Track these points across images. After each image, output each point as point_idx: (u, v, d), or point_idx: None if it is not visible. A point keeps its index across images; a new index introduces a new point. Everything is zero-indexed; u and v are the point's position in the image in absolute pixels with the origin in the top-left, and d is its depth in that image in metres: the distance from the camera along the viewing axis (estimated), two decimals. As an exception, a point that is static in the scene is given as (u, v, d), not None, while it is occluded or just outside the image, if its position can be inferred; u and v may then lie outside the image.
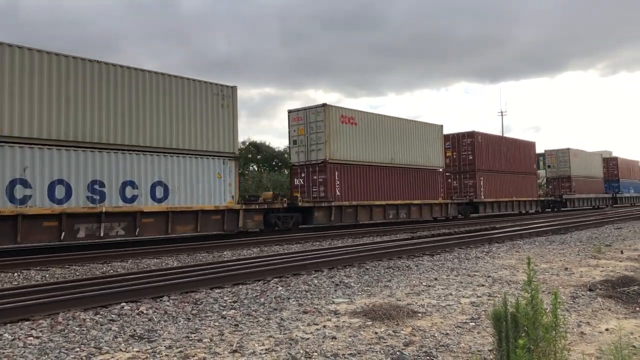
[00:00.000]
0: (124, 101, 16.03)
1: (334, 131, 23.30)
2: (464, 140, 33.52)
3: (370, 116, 25.76)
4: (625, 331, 5.14)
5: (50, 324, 5.92)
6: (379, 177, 25.79)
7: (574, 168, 47.29)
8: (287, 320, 5.92)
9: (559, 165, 47.42)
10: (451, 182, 33.25)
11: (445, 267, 10.25)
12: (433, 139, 29.45)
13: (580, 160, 48.88)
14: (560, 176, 46.97)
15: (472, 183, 32.81)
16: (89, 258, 13.06)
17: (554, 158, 48.10)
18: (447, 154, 32.41)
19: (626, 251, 12.42)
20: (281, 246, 16.37)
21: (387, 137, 26.16)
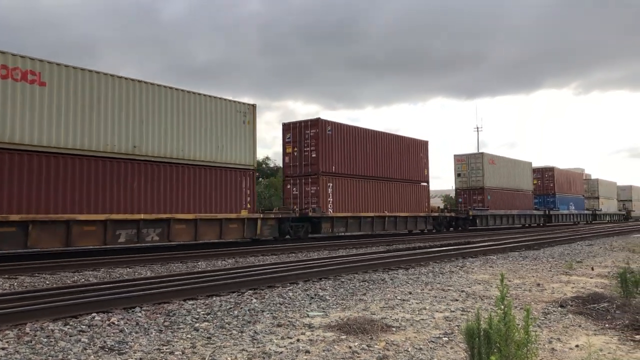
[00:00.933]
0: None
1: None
2: (307, 132, 24.61)
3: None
4: (594, 348, 5.22)
5: (17, 335, 5.77)
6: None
7: (490, 178, 38.64)
8: (260, 334, 5.87)
9: (470, 174, 38.65)
10: (290, 188, 24.95)
11: (420, 281, 10.30)
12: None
13: (499, 169, 40.07)
14: (472, 187, 38.39)
15: (314, 190, 24.00)
16: (59, 266, 12.80)
17: (464, 165, 39.04)
18: (288, 149, 25.25)
19: (597, 267, 12.64)
20: (256, 257, 16.26)
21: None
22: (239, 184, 20.03)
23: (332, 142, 24.85)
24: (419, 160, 30.76)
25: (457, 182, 39.32)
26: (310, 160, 24.38)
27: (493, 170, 39.36)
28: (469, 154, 39.25)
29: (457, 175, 39.38)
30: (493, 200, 38.68)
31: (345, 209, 25.09)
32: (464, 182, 38.88)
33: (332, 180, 24.45)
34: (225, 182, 19.51)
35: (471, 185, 38.42)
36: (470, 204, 37.67)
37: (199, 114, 18.97)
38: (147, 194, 17.08)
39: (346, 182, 25.41)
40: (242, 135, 20.41)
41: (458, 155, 39.73)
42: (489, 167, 38.61)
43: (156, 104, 17.72)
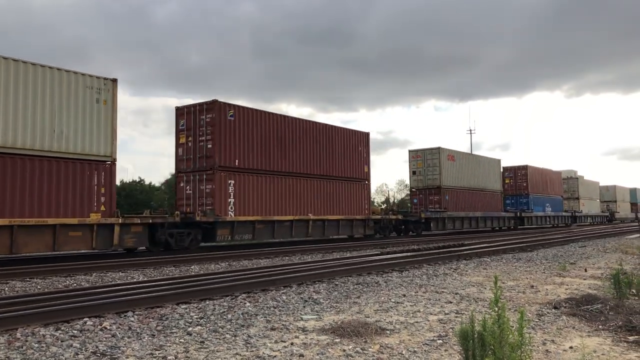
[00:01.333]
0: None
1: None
2: (202, 117, 20.14)
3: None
4: (588, 349, 5.22)
5: (8, 340, 5.71)
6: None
7: (449, 176, 34.22)
8: (254, 337, 5.84)
9: (426, 172, 33.97)
10: (183, 187, 20.35)
11: (414, 283, 10.29)
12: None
13: (459, 166, 35.72)
14: (428, 186, 33.85)
15: (210, 189, 19.58)
16: (51, 271, 12.71)
17: (420, 162, 34.29)
18: (181, 139, 20.68)
19: (590, 269, 12.68)
20: (250, 260, 16.22)
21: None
22: (88, 180, 15.59)
23: (235, 130, 20.33)
24: (358, 155, 26.58)
25: (412, 181, 35.14)
26: (205, 151, 19.81)
27: (452, 168, 34.68)
28: (425, 149, 34.54)
29: (412, 173, 35.00)
30: (452, 201, 33.90)
31: (254, 212, 20.64)
32: (420, 180, 34.45)
33: (233, 177, 20.02)
34: (66, 177, 15.06)
35: (427, 185, 34.01)
36: (427, 205, 33.39)
37: (26, 89, 14.46)
38: None
39: (254, 179, 20.92)
40: (95, 119, 15.83)
41: (413, 150, 35.37)
42: (447, 164, 34.28)
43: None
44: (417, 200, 34.33)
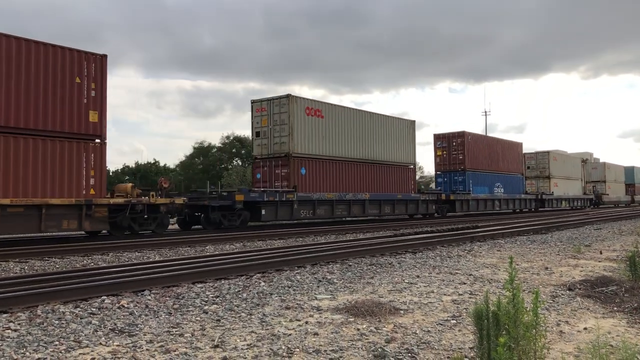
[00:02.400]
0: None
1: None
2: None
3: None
4: (603, 330, 5.22)
5: (29, 317, 5.84)
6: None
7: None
8: (269, 316, 5.91)
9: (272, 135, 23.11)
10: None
11: (428, 264, 10.31)
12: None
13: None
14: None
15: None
16: (68, 251, 12.92)
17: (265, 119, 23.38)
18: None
19: (605, 251, 12.60)
20: (264, 242, 16.33)
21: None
22: None
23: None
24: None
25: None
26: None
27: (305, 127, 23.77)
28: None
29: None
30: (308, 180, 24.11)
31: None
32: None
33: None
34: None
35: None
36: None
37: None
38: None
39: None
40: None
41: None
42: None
43: None
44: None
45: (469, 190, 33.82)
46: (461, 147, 34.52)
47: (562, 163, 48.82)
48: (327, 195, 23.60)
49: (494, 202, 36.56)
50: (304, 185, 22.90)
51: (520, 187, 41.01)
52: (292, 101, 22.82)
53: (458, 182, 34.25)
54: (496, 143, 38.50)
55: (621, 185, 65.51)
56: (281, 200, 21.70)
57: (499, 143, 38.91)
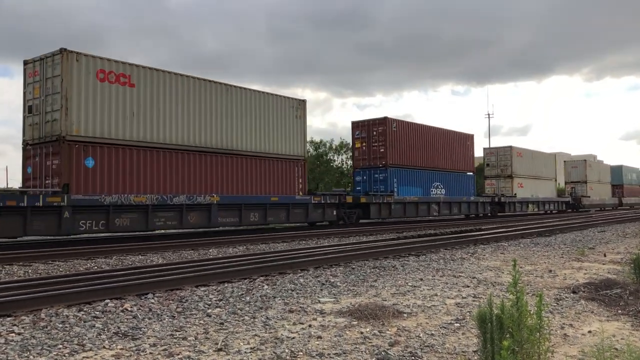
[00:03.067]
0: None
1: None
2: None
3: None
4: (607, 333, 5.20)
5: (33, 320, 5.85)
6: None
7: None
8: (272, 319, 5.91)
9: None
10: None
11: (431, 267, 10.30)
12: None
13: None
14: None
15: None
16: (72, 254, 12.94)
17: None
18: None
19: (609, 254, 12.56)
20: (267, 245, 16.33)
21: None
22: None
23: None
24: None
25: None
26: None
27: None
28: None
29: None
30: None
31: None
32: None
33: None
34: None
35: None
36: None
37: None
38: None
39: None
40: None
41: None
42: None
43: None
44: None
45: (392, 191, 26.91)
46: (382, 137, 27.41)
47: (529, 160, 42.04)
48: (133, 199, 16.40)
49: (430, 206, 29.50)
50: (89, 184, 15.78)
51: (469, 187, 33.81)
52: (69, 59, 15.41)
53: (379, 180, 27.06)
54: (435, 134, 31.24)
55: (606, 187, 58.39)
56: None
57: (440, 134, 31.67)
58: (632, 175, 66.94)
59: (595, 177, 54.72)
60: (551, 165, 45.92)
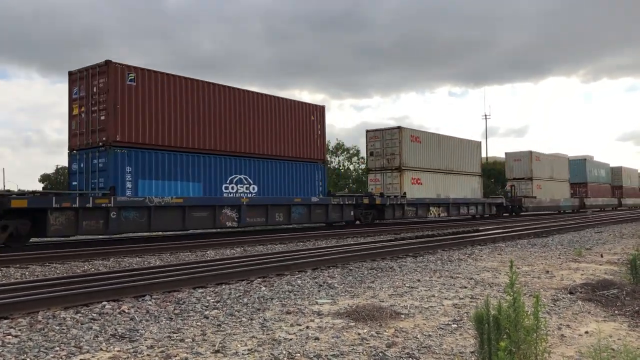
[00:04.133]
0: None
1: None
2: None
3: None
4: (604, 334, 5.21)
5: (30, 323, 5.84)
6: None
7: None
8: (270, 321, 5.91)
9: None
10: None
11: (428, 268, 10.31)
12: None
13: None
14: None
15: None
16: (69, 256, 12.91)
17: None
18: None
19: (606, 255, 12.59)
20: (264, 246, 16.32)
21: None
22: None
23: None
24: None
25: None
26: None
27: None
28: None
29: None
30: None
31: None
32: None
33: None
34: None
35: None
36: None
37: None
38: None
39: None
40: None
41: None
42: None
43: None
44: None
45: (115, 186, 16.32)
46: (105, 96, 16.49)
47: (434, 147, 31.68)
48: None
49: (219, 212, 19.00)
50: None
51: (313, 183, 23.68)
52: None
53: (98, 169, 16.63)
54: (230, 97, 20.08)
55: (563, 185, 48.15)
56: None
57: (239, 96, 20.49)
58: (599, 171, 55.87)
59: (545, 172, 44.70)
60: (473, 157, 35.68)
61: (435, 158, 31.57)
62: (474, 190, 35.12)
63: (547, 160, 45.56)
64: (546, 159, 45.59)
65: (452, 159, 32.97)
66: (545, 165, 44.83)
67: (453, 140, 33.84)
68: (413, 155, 29.77)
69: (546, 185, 44.28)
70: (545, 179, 44.39)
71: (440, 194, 31.44)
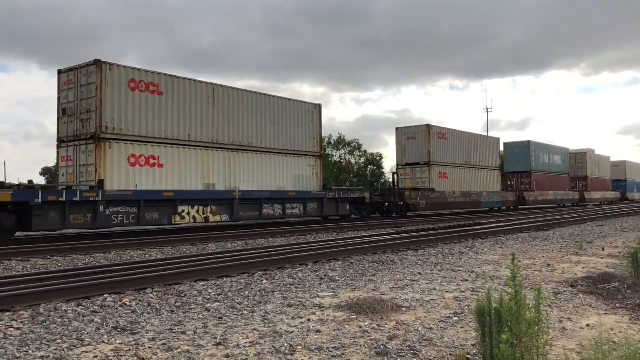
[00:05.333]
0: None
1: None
2: None
3: None
4: (605, 327, 5.21)
5: (32, 315, 5.85)
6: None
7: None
8: (271, 314, 5.91)
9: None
10: None
11: (430, 262, 10.31)
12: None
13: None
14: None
15: None
16: (71, 249, 12.93)
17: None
18: None
19: (607, 248, 12.58)
20: (266, 239, 16.33)
21: None
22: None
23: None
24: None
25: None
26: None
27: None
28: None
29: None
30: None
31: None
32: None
33: None
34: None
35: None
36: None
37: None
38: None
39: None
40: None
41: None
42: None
43: None
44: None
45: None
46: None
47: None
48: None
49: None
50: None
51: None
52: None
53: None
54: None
55: (491, 174, 36.35)
56: None
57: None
58: (551, 157, 43.91)
59: (455, 156, 32.76)
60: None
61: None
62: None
63: (458, 139, 33.31)
64: (457, 137, 33.28)
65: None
66: (452, 146, 32.58)
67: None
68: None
69: (460, 173, 33.01)
70: (457, 165, 32.80)
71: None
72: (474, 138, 35.54)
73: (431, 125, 30.96)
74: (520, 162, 41.01)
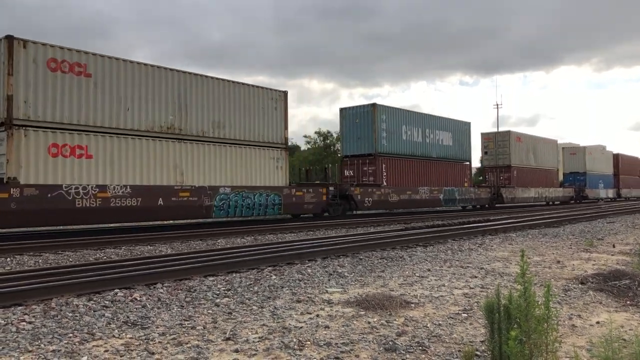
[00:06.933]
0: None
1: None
2: None
3: None
4: (615, 324, 5.18)
5: (44, 309, 5.91)
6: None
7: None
8: (280, 309, 5.94)
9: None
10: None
11: (439, 258, 10.29)
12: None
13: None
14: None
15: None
16: (82, 244, 13.03)
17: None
18: None
19: (618, 245, 12.50)
20: (275, 235, 16.37)
21: None
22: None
23: None
24: None
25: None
26: None
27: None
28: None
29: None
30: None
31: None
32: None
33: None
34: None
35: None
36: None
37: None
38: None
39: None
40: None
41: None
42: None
43: None
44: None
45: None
46: None
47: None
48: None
49: None
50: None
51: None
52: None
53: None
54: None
55: None
56: None
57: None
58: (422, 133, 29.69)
59: None
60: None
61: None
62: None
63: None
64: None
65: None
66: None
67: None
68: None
69: None
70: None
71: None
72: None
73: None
74: (361, 140, 27.51)
